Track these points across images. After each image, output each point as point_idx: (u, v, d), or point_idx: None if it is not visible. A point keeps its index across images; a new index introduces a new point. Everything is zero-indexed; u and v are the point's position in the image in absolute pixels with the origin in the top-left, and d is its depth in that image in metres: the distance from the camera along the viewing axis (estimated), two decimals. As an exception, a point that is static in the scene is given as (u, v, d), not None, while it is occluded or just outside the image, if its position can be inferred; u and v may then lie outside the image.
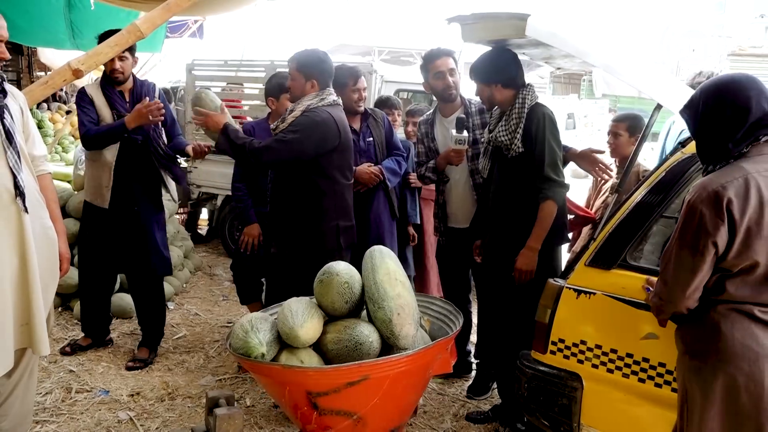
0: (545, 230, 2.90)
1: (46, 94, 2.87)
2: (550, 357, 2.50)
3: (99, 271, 3.87)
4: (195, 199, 6.77)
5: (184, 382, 3.65)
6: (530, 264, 2.91)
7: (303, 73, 3.05)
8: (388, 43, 19.80)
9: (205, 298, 5.22)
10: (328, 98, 3.07)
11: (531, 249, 2.91)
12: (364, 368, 2.20)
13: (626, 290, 2.33)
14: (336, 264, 2.50)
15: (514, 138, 2.95)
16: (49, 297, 2.69)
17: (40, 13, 7.09)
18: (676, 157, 2.45)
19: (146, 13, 2.91)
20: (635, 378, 2.30)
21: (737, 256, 1.85)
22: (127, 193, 3.70)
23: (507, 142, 2.97)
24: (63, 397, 3.38)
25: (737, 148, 1.90)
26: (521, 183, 2.98)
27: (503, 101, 3.03)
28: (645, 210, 2.39)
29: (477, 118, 3.50)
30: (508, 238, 3.03)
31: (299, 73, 3.06)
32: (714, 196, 1.83)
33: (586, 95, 15.77)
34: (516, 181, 3.00)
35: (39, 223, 2.57)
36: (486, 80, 3.01)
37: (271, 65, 5.99)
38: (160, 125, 3.70)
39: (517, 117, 2.96)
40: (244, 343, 2.31)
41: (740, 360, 1.84)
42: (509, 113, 2.99)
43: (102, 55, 2.88)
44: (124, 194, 3.70)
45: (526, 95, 2.99)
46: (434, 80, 3.48)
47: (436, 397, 3.65)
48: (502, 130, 3.00)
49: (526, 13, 2.43)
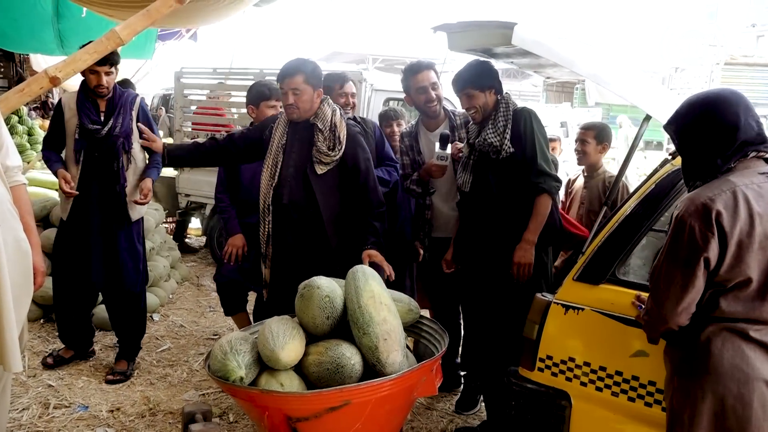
0: (541, 224, 2.92)
1: (22, 101, 2.79)
2: (538, 374, 2.43)
3: (73, 283, 3.74)
4: (183, 209, 6.68)
5: (166, 397, 3.56)
6: (528, 257, 2.91)
7: (312, 84, 2.99)
8: (383, 51, 19.79)
9: (192, 310, 5.14)
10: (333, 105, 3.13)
11: (528, 242, 2.91)
12: (345, 393, 2.12)
13: (615, 306, 2.27)
14: (317, 278, 2.43)
15: (504, 139, 2.96)
16: (23, 311, 2.60)
17: (28, 22, 7.04)
18: (665, 170, 2.39)
19: (126, 20, 2.84)
20: (624, 397, 2.23)
21: (729, 270, 1.80)
22: (86, 205, 3.61)
23: (497, 143, 2.97)
24: (40, 413, 3.29)
25: (726, 164, 1.87)
26: (516, 185, 2.98)
27: (492, 107, 3.06)
28: (634, 223, 2.33)
29: (463, 131, 3.45)
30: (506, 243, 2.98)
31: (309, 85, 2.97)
32: (702, 208, 1.79)
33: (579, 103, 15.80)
34: (511, 182, 3.00)
35: (11, 234, 2.49)
36: (482, 86, 3.02)
37: (260, 73, 5.94)
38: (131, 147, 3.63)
39: (504, 119, 3.00)
40: (222, 365, 2.24)
41: (729, 381, 1.78)
42: (494, 117, 3.02)
43: (80, 62, 2.81)
44: (83, 206, 3.61)
45: (508, 98, 3.08)
46: (416, 95, 3.45)
47: (424, 412, 3.57)
48: (491, 133, 3.00)
49: (512, 21, 2.38)
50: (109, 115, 3.57)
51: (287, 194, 3.02)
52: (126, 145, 3.62)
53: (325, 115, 3.02)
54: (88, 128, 3.52)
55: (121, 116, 3.60)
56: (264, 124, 3.23)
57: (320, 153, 2.98)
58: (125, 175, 3.62)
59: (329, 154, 2.98)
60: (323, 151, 2.98)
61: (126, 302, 3.80)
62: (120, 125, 3.58)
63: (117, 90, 3.64)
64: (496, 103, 3.05)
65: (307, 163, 3.00)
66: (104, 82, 3.48)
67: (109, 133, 3.56)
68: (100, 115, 3.58)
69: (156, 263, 5.06)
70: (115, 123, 3.56)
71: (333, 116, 3.04)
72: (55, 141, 3.68)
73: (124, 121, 3.60)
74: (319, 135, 3.00)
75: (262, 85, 3.72)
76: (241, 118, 6.29)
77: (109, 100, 3.60)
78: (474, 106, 3.06)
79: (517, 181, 2.98)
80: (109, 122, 3.56)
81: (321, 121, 3.02)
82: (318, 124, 3.01)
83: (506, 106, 3.04)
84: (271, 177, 3.04)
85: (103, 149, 3.57)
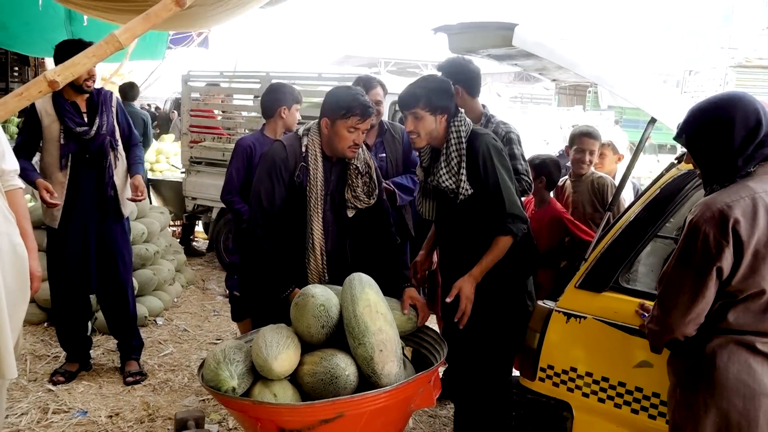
0: (492, 263, 2.54)
1: (21, 105, 2.74)
2: (539, 384, 2.37)
3: (70, 291, 3.67)
4: (190, 212, 6.67)
5: (166, 403, 3.53)
6: (467, 291, 2.51)
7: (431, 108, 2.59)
8: (395, 55, 19.78)
9: (196, 314, 5.11)
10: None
11: (473, 277, 2.52)
12: (338, 405, 2.07)
13: (618, 315, 2.20)
14: (312, 286, 2.38)
15: (459, 180, 2.55)
16: (20, 316, 2.58)
17: (41, 26, 7.09)
18: (671, 174, 2.32)
19: (126, 24, 2.81)
20: (628, 409, 2.17)
21: (743, 281, 1.72)
22: (79, 209, 3.54)
23: (453, 186, 2.57)
24: (39, 419, 3.27)
25: (747, 165, 1.78)
26: (476, 223, 2.62)
27: (442, 137, 2.61)
28: (638, 230, 2.27)
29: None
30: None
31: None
32: (719, 215, 1.71)
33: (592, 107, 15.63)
34: (470, 222, 2.64)
35: (7, 239, 2.47)
36: (434, 108, 2.55)
37: (266, 76, 5.92)
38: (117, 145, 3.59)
39: (458, 154, 2.56)
40: (214, 375, 2.19)
41: (734, 396, 1.71)
42: (446, 152, 2.58)
43: (79, 66, 2.75)
44: (75, 211, 3.53)
45: (460, 125, 2.58)
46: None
47: (427, 419, 3.51)
48: (443, 173, 2.58)
49: (513, 22, 2.33)
50: (93, 115, 3.52)
51: (331, 242, 2.72)
52: (113, 143, 3.58)
53: (360, 154, 2.72)
54: (75, 132, 3.44)
55: (105, 114, 3.55)
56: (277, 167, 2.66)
57: (357, 199, 2.69)
58: (114, 172, 3.58)
59: (367, 201, 2.71)
60: (362, 198, 2.70)
61: (118, 295, 3.75)
62: (106, 123, 3.54)
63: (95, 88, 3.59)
64: (446, 132, 2.58)
65: (340, 206, 2.71)
66: (94, 73, 3.45)
67: (97, 133, 3.50)
68: (83, 116, 3.52)
69: (160, 267, 5.05)
70: (101, 122, 3.51)
71: (364, 153, 2.75)
72: (28, 149, 3.53)
73: (108, 119, 3.57)
74: (358, 178, 2.69)
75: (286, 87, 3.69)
76: (249, 122, 6.27)
77: (89, 99, 3.54)
78: (417, 131, 2.57)
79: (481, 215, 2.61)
80: (95, 122, 3.50)
81: (359, 160, 2.70)
82: (359, 165, 2.70)
83: (458, 138, 2.57)
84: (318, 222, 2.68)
85: (92, 150, 3.51)
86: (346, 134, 2.57)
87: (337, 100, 2.59)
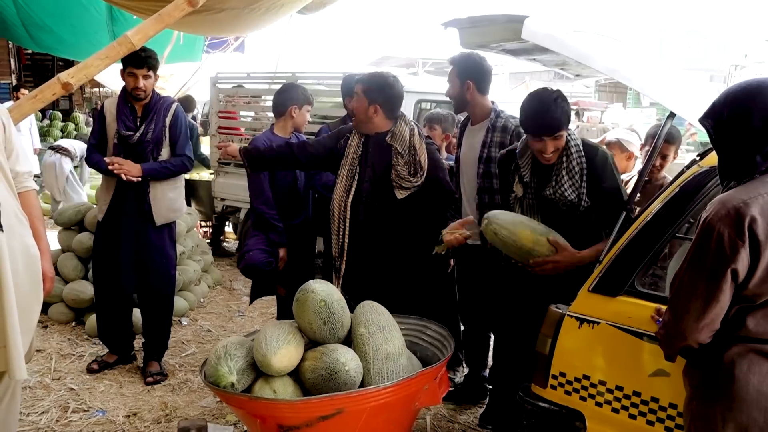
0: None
1: (35, 108, 2.82)
2: (551, 392, 2.26)
3: (109, 286, 3.81)
4: (220, 213, 6.72)
5: (184, 403, 3.54)
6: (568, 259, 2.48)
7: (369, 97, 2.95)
8: (432, 55, 19.64)
9: (221, 314, 5.13)
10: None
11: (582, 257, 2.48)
12: (337, 401, 2.03)
13: (633, 320, 2.09)
14: (313, 282, 2.35)
15: (581, 192, 2.53)
16: (33, 317, 2.60)
17: (84, 28, 7.30)
18: (691, 171, 2.19)
19: (138, 25, 2.83)
20: (643, 420, 2.05)
21: (760, 284, 1.60)
22: (120, 209, 3.67)
23: (574, 198, 2.54)
24: (59, 417, 3.32)
25: (766, 162, 1.65)
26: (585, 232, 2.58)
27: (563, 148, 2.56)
28: (655, 230, 2.14)
29: (498, 135, 3.23)
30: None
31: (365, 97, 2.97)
32: (735, 213, 1.59)
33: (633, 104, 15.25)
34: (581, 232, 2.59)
35: (19, 241, 2.49)
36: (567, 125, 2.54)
37: (292, 77, 5.91)
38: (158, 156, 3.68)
39: (579, 166, 2.54)
40: (214, 370, 2.18)
41: (754, 409, 1.59)
42: (567, 163, 2.54)
43: (92, 68, 2.82)
44: (117, 209, 3.68)
45: (576, 138, 2.59)
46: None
47: (445, 425, 3.43)
48: (567, 185, 2.53)
49: (523, 15, 2.23)
50: (144, 121, 3.62)
51: (363, 211, 2.96)
52: (155, 152, 3.66)
53: (403, 136, 2.92)
54: (122, 134, 3.58)
55: (153, 122, 3.63)
56: (339, 133, 3.15)
57: (401, 178, 2.89)
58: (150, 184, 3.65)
59: (410, 180, 2.89)
60: (404, 176, 2.89)
61: (154, 303, 3.85)
62: (152, 131, 3.62)
63: (155, 96, 3.67)
64: (566, 142, 2.57)
65: (385, 183, 2.93)
66: (141, 85, 3.51)
67: (140, 140, 3.60)
68: (137, 120, 3.63)
69: (186, 267, 5.09)
70: (146, 129, 3.60)
71: (411, 137, 2.93)
72: (100, 146, 3.71)
73: (156, 128, 3.63)
74: (399, 158, 2.90)
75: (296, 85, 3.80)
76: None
77: (146, 105, 3.63)
78: (558, 148, 2.54)
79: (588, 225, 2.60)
80: (141, 128, 3.60)
81: (399, 142, 2.91)
82: (397, 147, 2.90)
83: (578, 150, 2.56)
84: (346, 190, 2.98)
85: (134, 155, 3.61)
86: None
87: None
